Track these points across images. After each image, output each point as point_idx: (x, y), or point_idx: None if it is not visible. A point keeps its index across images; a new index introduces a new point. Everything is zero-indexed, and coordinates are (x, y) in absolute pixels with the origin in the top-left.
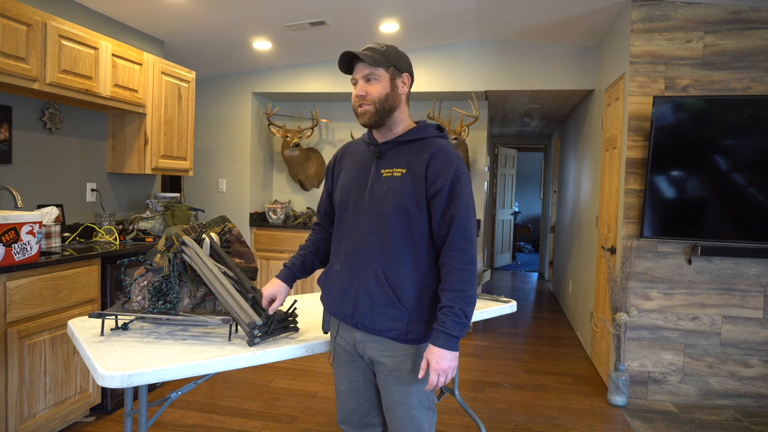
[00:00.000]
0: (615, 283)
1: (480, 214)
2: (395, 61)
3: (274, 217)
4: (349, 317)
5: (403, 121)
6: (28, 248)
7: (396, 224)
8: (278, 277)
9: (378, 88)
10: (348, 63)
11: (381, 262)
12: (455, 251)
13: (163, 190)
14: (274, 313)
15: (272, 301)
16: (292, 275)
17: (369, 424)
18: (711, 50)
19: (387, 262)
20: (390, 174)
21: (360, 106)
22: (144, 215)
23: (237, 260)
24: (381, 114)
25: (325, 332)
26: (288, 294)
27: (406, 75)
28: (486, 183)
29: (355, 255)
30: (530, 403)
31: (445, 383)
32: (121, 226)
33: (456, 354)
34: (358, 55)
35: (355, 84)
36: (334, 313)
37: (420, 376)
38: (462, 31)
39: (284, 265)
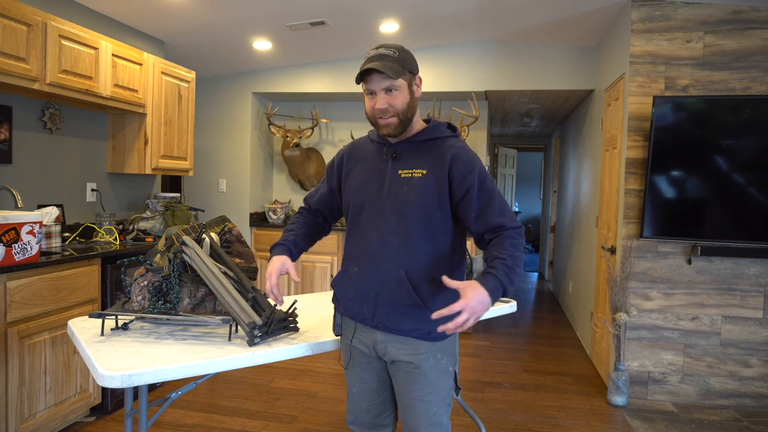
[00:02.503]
0: (615, 283)
1: None
2: (410, 66)
3: (274, 217)
4: (369, 319)
5: (417, 122)
6: (29, 248)
7: (418, 224)
8: (277, 253)
9: (400, 98)
10: (360, 74)
11: (403, 262)
12: (511, 229)
13: (163, 190)
14: (274, 313)
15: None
16: (288, 250)
17: (380, 425)
18: (711, 50)
19: (409, 262)
20: (410, 174)
21: (381, 118)
22: (144, 215)
23: (237, 260)
24: (405, 124)
25: (337, 335)
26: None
27: (418, 77)
28: None
29: (374, 256)
30: (530, 403)
31: (462, 329)
32: (121, 226)
33: (490, 307)
34: (377, 68)
35: (371, 94)
36: (351, 316)
37: (443, 313)
38: (462, 31)
39: (275, 244)
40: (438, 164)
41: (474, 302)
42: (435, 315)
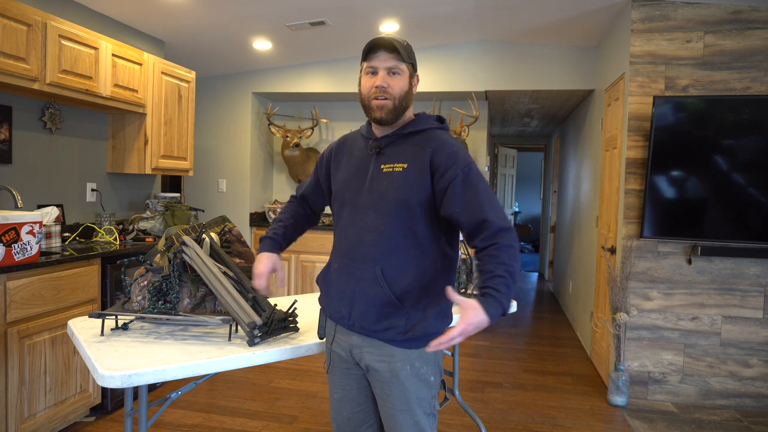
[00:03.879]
0: (615, 283)
1: None
2: (413, 60)
3: (274, 217)
4: (345, 318)
5: (407, 118)
6: (28, 248)
7: (396, 221)
8: (264, 250)
9: (400, 83)
10: (368, 49)
11: (379, 260)
12: (502, 231)
13: (163, 190)
14: (274, 312)
15: (266, 277)
16: (277, 245)
17: None
18: (711, 50)
19: (386, 260)
20: (391, 169)
21: (377, 98)
22: (144, 215)
23: (237, 260)
24: (398, 111)
25: (321, 338)
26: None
27: (416, 76)
28: None
29: (352, 253)
30: (530, 403)
31: (451, 345)
32: (121, 226)
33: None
34: (387, 44)
35: (372, 73)
36: (330, 314)
37: (440, 340)
38: (462, 31)
39: (265, 237)
40: (419, 158)
41: (472, 327)
42: (432, 346)
